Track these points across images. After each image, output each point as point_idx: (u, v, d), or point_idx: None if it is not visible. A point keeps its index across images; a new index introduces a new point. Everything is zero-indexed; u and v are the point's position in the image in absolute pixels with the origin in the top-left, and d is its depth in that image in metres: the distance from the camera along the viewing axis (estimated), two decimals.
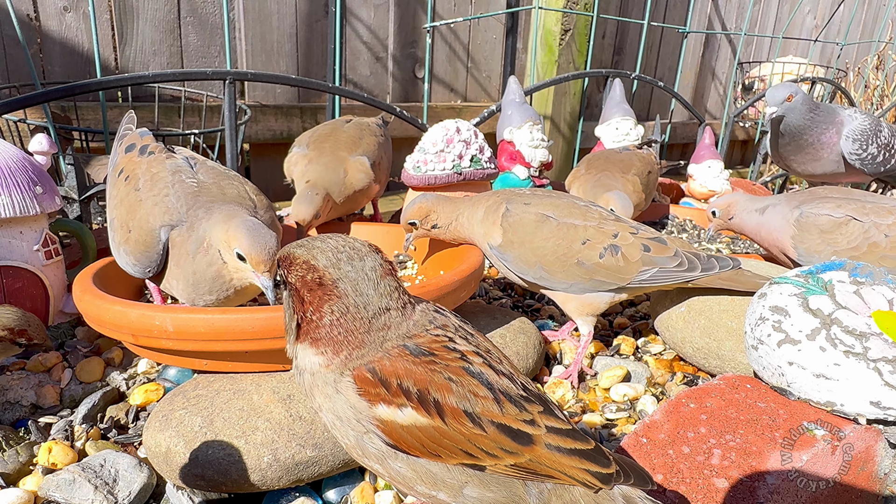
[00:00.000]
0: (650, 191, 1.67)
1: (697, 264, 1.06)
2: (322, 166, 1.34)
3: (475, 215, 1.14)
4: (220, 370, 0.88)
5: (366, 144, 1.42)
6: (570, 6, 2.55)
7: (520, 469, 0.54)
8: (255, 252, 0.84)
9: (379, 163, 1.44)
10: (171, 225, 0.92)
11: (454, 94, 2.75)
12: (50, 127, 1.47)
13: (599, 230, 1.07)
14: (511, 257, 1.11)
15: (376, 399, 0.54)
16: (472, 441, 0.53)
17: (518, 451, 0.53)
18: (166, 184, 0.94)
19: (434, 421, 0.53)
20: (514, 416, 0.54)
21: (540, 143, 1.71)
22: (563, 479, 0.54)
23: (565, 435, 0.55)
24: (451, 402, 0.53)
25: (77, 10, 1.87)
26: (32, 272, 1.06)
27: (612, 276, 1.06)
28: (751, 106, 3.20)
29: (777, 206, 1.31)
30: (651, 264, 1.05)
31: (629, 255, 1.05)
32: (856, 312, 0.88)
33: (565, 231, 1.06)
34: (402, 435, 0.53)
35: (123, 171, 1.00)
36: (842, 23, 3.96)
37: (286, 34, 2.23)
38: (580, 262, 1.05)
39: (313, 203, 1.25)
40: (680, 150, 3.71)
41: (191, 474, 0.74)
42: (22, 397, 0.91)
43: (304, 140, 1.46)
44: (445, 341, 0.57)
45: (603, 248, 1.05)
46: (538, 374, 1.08)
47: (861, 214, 1.21)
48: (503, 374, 0.57)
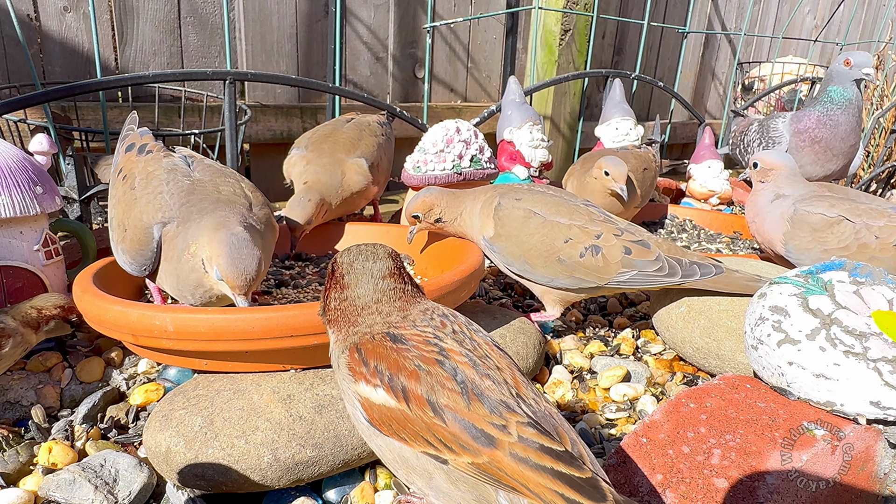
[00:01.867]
0: (647, 189, 1.67)
1: (678, 270, 1.08)
2: (320, 168, 1.34)
3: (475, 210, 1.17)
4: (221, 370, 0.88)
5: (364, 146, 1.42)
6: (570, 6, 2.56)
7: (480, 471, 0.54)
8: (231, 276, 0.83)
9: (378, 164, 1.44)
10: (164, 222, 0.92)
11: (454, 94, 2.76)
12: (50, 127, 1.47)
13: (583, 230, 1.10)
14: (499, 248, 1.14)
15: (360, 376, 0.59)
16: (431, 430, 0.55)
17: (476, 450, 0.54)
18: (161, 182, 0.94)
19: (400, 405, 0.56)
20: (481, 415, 0.55)
21: (540, 144, 1.71)
22: (524, 492, 0.53)
23: (546, 452, 0.53)
24: (416, 389, 0.56)
25: (77, 10, 1.87)
26: (33, 272, 1.06)
27: (591, 275, 1.09)
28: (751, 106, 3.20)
29: (786, 198, 1.30)
30: (630, 267, 1.08)
31: (609, 256, 1.08)
32: (855, 312, 0.88)
33: (549, 228, 1.10)
34: (376, 414, 0.58)
35: (122, 170, 1.00)
36: (842, 23, 3.96)
37: (286, 34, 2.23)
38: (560, 260, 1.09)
39: (305, 210, 1.26)
40: (680, 150, 3.71)
41: (191, 474, 0.74)
42: (22, 397, 0.91)
43: (303, 141, 1.46)
44: (429, 336, 0.60)
45: (584, 247, 1.08)
46: (538, 374, 1.08)
47: (854, 215, 1.22)
48: (490, 379, 0.57)
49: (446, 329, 0.62)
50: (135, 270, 0.96)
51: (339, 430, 0.79)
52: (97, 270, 1.00)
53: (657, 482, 0.73)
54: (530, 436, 0.54)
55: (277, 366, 0.87)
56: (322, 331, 0.82)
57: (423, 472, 0.57)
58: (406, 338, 0.60)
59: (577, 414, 0.99)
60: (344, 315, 0.65)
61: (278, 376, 0.86)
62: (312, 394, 0.82)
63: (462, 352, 0.59)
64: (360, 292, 0.64)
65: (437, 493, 0.57)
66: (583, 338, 1.23)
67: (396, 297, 0.65)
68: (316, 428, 0.78)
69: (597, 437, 0.93)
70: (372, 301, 0.64)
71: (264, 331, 0.80)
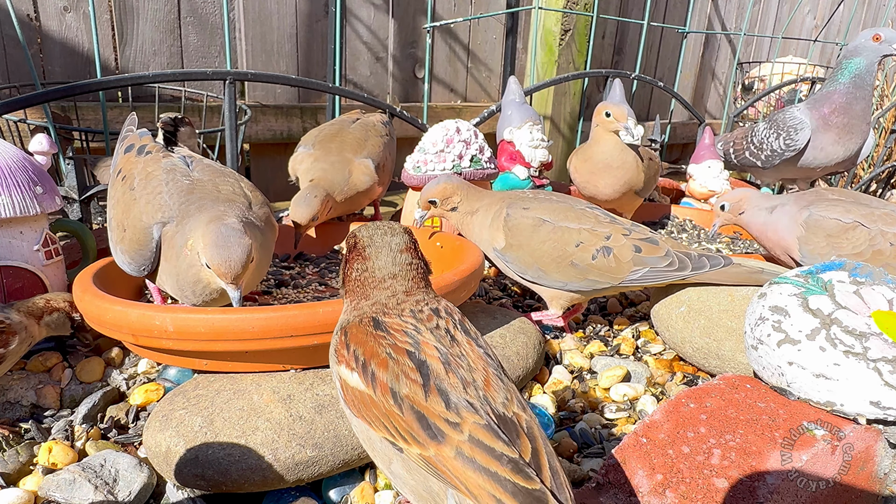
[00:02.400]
0: (650, 178, 1.67)
1: (688, 264, 1.11)
2: (327, 165, 1.35)
3: (485, 222, 1.19)
4: (221, 370, 0.88)
5: (371, 146, 1.42)
6: (570, 6, 2.56)
7: (427, 464, 0.55)
8: (217, 264, 0.83)
9: (383, 165, 1.44)
10: (163, 222, 0.92)
11: (454, 94, 2.76)
12: (50, 127, 1.47)
13: (592, 233, 1.12)
14: (511, 258, 1.15)
15: (342, 359, 0.63)
16: (390, 417, 0.57)
17: (425, 442, 0.54)
18: (160, 182, 0.94)
19: (369, 390, 0.58)
20: (436, 410, 0.55)
21: (540, 144, 1.71)
22: (464, 492, 0.53)
23: (494, 457, 0.53)
24: (383, 377, 0.58)
25: (77, 10, 1.87)
26: (33, 272, 1.06)
27: (604, 275, 1.11)
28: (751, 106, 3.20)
29: (785, 206, 1.31)
30: (642, 264, 1.10)
31: (621, 255, 1.10)
32: (855, 312, 0.88)
33: (560, 234, 1.12)
34: (350, 396, 0.61)
35: (121, 171, 1.00)
36: (841, 23, 3.96)
37: (286, 34, 2.23)
38: (574, 264, 1.11)
39: (311, 205, 1.26)
40: (680, 150, 3.71)
41: (191, 474, 0.74)
42: (22, 397, 0.91)
43: (309, 139, 1.46)
44: (409, 328, 0.62)
45: (595, 249, 1.11)
46: (538, 374, 1.08)
47: (869, 221, 1.21)
48: (458, 378, 0.58)
49: (431, 323, 0.64)
50: (134, 270, 0.96)
51: (339, 430, 0.79)
52: (97, 270, 1.00)
53: (657, 482, 0.73)
54: (482, 437, 0.54)
55: (277, 366, 0.87)
56: (322, 331, 0.82)
57: (384, 457, 0.60)
58: (388, 325, 0.63)
59: (577, 414, 0.99)
60: (362, 287, 0.68)
61: (278, 376, 0.86)
62: (312, 394, 0.82)
63: (437, 347, 0.60)
64: (380, 264, 0.67)
65: (395, 478, 0.60)
66: (583, 338, 1.23)
67: (411, 275, 0.68)
68: (316, 428, 0.78)
69: (597, 437, 0.93)
70: (389, 275, 0.67)
71: (264, 331, 0.80)
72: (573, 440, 0.91)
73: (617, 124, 1.47)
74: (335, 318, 0.82)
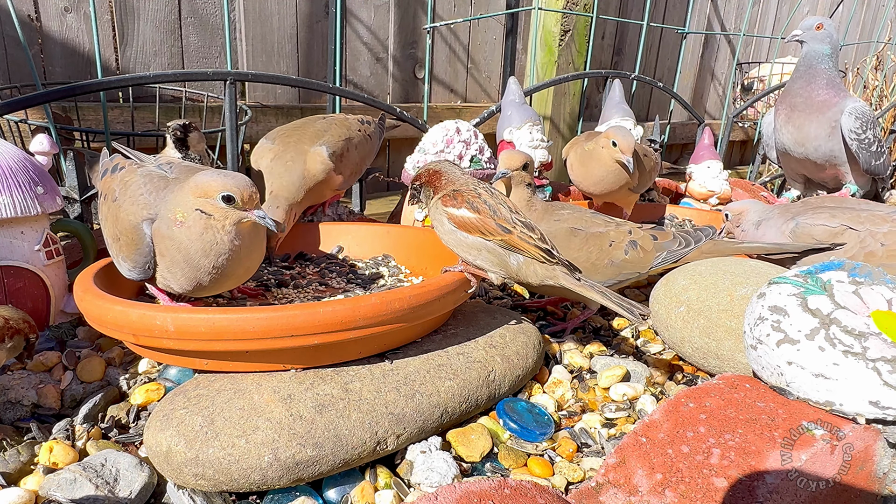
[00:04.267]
0: (645, 176, 1.67)
1: (691, 240, 1.27)
2: (282, 168, 1.31)
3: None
4: (221, 370, 0.88)
5: (330, 136, 1.39)
6: (570, 7, 2.56)
7: (503, 243, 1.00)
8: (241, 187, 0.87)
9: (343, 155, 1.39)
10: (150, 218, 0.93)
11: (454, 94, 2.76)
12: (51, 127, 1.47)
13: (618, 231, 1.25)
14: None
15: (450, 203, 1.03)
16: (486, 226, 1.00)
17: (503, 235, 1.00)
18: (139, 185, 0.97)
19: (475, 214, 1.01)
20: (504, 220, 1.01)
21: (540, 144, 1.71)
22: (521, 252, 1.01)
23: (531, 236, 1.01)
24: (484, 209, 1.01)
25: (78, 10, 1.87)
26: (33, 272, 1.07)
27: (635, 267, 1.24)
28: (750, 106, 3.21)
29: (770, 219, 1.33)
30: (661, 250, 1.25)
31: (645, 246, 1.24)
32: (855, 312, 0.88)
33: (594, 238, 1.24)
34: (459, 222, 1.01)
35: (104, 193, 1.03)
36: (841, 23, 3.96)
37: (286, 35, 2.24)
38: (612, 262, 1.23)
39: (276, 219, 1.26)
40: (679, 150, 3.71)
41: (191, 473, 0.74)
42: (23, 397, 0.91)
43: (273, 133, 1.43)
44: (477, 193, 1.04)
45: (625, 245, 1.24)
46: (538, 373, 1.08)
47: (856, 223, 1.21)
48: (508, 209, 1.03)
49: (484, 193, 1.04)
50: (139, 274, 0.96)
51: (339, 429, 0.79)
52: (98, 270, 1.00)
53: (657, 481, 0.73)
54: (526, 231, 1.01)
55: (278, 365, 0.87)
56: (321, 331, 0.82)
57: (474, 249, 1.01)
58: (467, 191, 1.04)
59: (577, 413, 0.99)
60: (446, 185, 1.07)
61: (279, 376, 0.86)
62: (313, 393, 0.83)
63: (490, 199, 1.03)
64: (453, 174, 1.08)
65: (481, 258, 1.01)
66: (582, 337, 1.24)
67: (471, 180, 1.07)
68: (316, 427, 0.78)
69: (596, 437, 0.93)
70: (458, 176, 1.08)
71: (264, 331, 0.80)
72: (573, 440, 0.92)
73: (621, 156, 1.47)
74: (335, 318, 0.82)
